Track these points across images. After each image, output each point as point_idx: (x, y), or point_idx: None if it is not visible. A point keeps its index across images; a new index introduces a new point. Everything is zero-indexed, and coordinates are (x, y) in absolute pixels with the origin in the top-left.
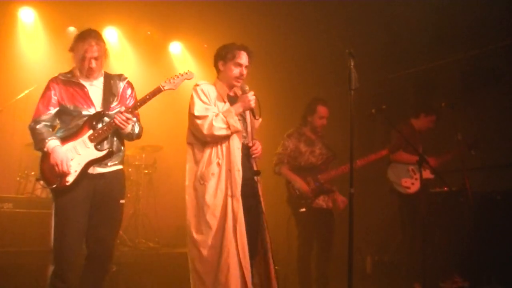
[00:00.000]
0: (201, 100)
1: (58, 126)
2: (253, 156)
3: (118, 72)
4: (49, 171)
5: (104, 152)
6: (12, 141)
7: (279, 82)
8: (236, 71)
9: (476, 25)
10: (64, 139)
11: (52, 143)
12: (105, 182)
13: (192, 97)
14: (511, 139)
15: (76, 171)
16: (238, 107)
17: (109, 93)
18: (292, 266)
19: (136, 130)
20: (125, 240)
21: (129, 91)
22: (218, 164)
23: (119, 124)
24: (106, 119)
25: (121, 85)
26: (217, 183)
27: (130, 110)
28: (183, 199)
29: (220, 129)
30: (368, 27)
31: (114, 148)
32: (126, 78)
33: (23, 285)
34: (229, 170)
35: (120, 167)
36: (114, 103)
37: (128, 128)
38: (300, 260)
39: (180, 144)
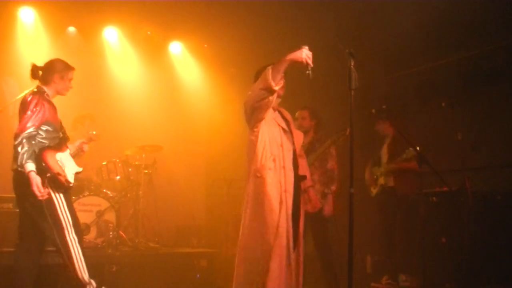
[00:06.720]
0: None
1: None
2: None
3: (118, 72)
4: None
5: (81, 169)
6: (12, 141)
7: None
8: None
9: (476, 25)
10: (53, 149)
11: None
12: None
13: None
14: (511, 139)
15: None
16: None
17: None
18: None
19: None
20: (125, 240)
21: None
22: (274, 160)
23: (85, 151)
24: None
25: None
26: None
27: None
28: (183, 199)
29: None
30: (368, 27)
31: None
32: None
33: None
34: (283, 168)
35: None
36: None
37: None
38: None
39: (180, 144)
